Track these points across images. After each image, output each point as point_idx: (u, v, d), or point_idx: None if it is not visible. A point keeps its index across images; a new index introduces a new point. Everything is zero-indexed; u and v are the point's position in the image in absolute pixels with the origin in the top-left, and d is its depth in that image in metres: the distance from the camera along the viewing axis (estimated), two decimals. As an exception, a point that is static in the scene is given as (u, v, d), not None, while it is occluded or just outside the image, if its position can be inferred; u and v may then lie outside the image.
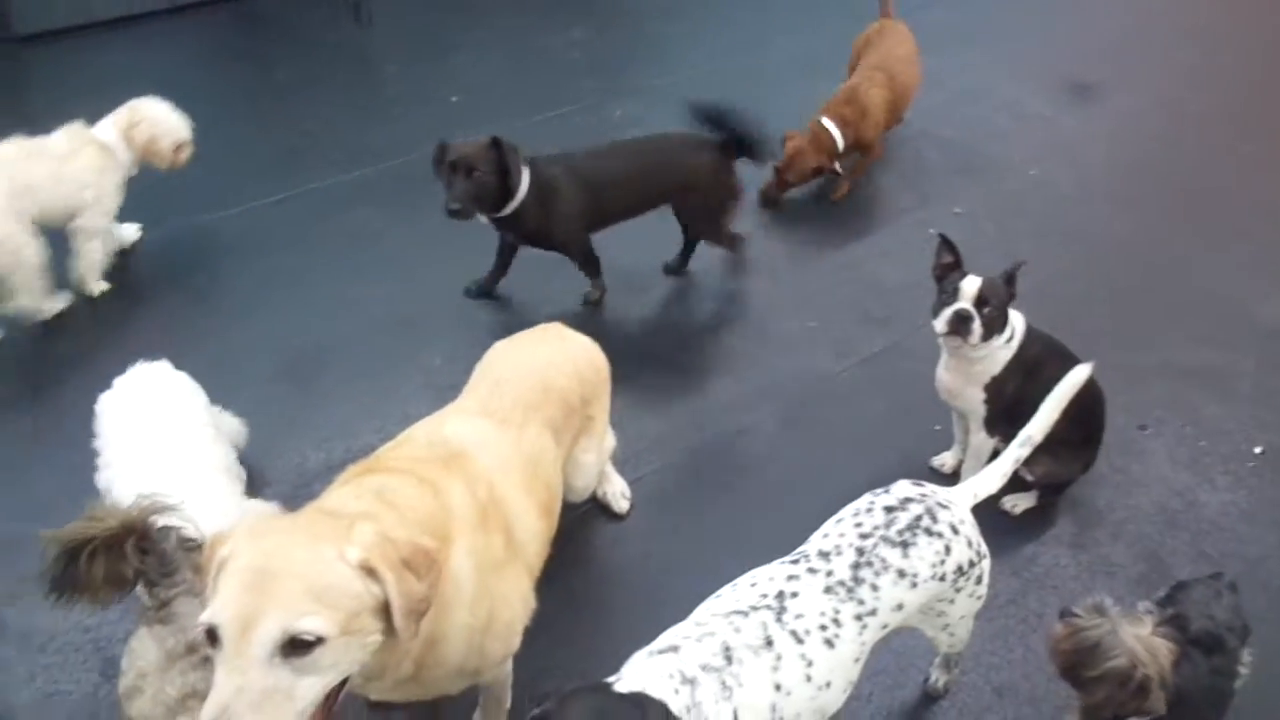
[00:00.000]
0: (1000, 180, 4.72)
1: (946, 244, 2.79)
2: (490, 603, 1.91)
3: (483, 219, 3.47)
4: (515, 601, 2.03)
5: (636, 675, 1.61)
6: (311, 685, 1.46)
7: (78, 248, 3.73)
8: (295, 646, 1.43)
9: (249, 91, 5.37)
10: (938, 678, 2.44)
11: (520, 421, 2.24)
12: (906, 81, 4.63)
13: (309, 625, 1.43)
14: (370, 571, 1.52)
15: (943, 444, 3.18)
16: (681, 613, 1.98)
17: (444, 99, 5.32)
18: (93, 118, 3.80)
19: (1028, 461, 2.36)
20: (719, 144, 3.68)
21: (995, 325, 2.68)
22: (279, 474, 3.11)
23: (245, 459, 3.12)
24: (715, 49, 5.90)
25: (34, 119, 3.79)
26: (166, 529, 1.89)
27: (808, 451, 3.23)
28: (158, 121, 3.82)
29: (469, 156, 3.28)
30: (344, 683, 1.57)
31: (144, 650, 1.80)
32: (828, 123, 4.35)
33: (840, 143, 4.34)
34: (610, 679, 1.63)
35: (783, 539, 2.36)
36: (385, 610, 1.55)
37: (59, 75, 5.28)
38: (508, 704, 2.31)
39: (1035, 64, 5.84)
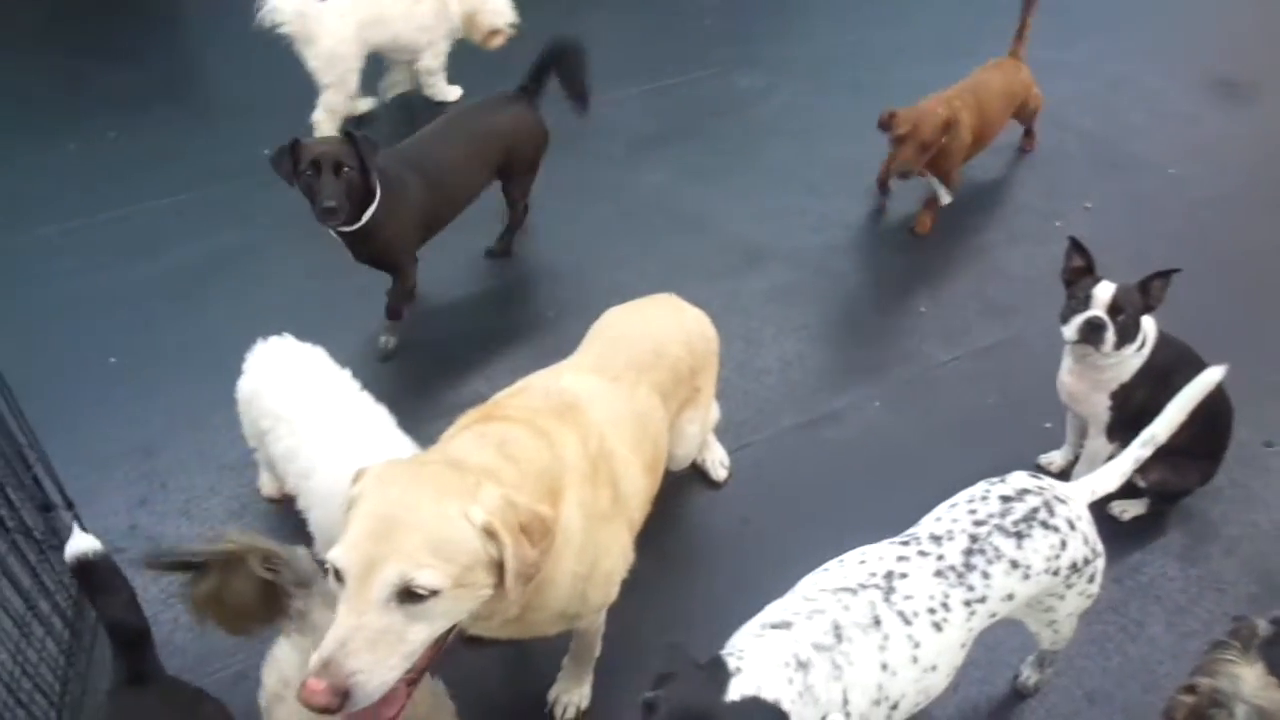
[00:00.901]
0: (1136, 177, 4.53)
1: (1078, 247, 2.69)
2: (595, 552, 1.96)
3: (333, 234, 3.15)
4: (616, 553, 2.08)
5: (752, 658, 1.60)
6: (422, 629, 1.55)
7: (424, 84, 4.60)
8: (410, 594, 1.51)
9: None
10: (1029, 676, 2.41)
11: (632, 381, 2.28)
12: (992, 117, 4.16)
13: (425, 578, 1.50)
14: (491, 534, 1.58)
15: (1052, 442, 3.11)
16: (772, 582, 2.00)
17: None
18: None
19: (1142, 468, 2.28)
20: (524, 94, 3.63)
21: (1129, 334, 2.59)
22: (392, 410, 3.21)
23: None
24: (852, 22, 5.81)
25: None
26: (292, 547, 1.87)
27: (909, 438, 3.19)
28: (485, 3, 4.27)
29: (332, 153, 2.95)
30: (454, 627, 1.65)
31: (285, 659, 1.85)
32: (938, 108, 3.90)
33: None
34: (725, 655, 1.63)
35: (878, 521, 2.35)
36: (498, 567, 1.62)
37: (213, 8, 5.50)
38: (596, 652, 2.37)
39: (1182, 58, 5.57)
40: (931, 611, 1.78)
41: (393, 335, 3.45)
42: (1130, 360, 2.66)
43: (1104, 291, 2.57)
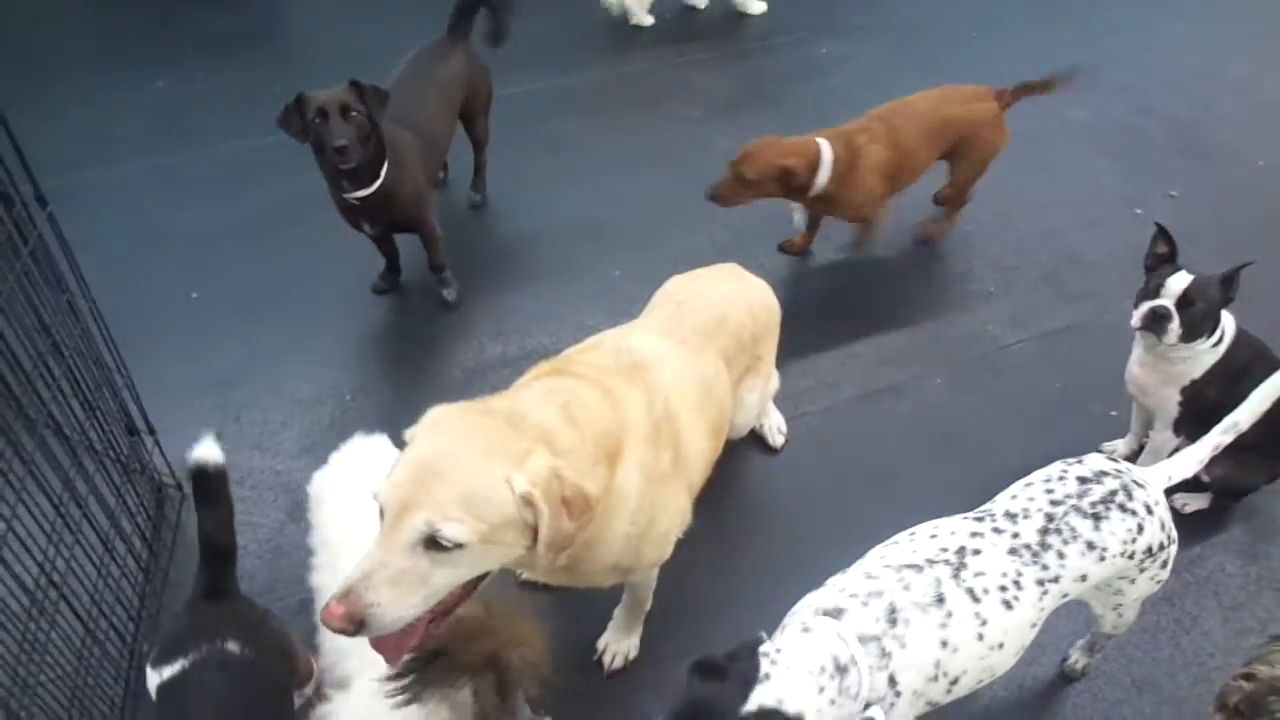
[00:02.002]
0: (1223, 168, 4.40)
1: (1163, 234, 2.63)
2: (651, 512, 2.00)
3: (353, 196, 3.07)
4: (673, 513, 2.11)
5: (785, 662, 1.61)
6: (446, 575, 1.59)
7: None
8: (436, 543, 1.56)
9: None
10: (1077, 659, 2.41)
11: (698, 346, 2.30)
12: (910, 149, 3.51)
13: (450, 531, 1.54)
14: (529, 504, 1.61)
15: (1116, 431, 3.07)
16: (823, 549, 2.02)
17: (655, 17, 5.34)
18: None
19: (1207, 462, 2.26)
20: (458, 35, 3.60)
21: (1200, 327, 2.54)
22: (458, 359, 3.29)
23: (427, 340, 3.34)
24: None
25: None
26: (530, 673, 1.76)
27: (969, 417, 3.18)
28: None
29: (338, 98, 2.90)
30: (484, 575, 1.70)
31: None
32: (823, 141, 3.39)
33: (822, 177, 3.36)
34: (762, 654, 1.64)
35: (932, 498, 2.36)
36: (532, 531, 1.65)
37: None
38: (648, 606, 2.42)
39: (1278, 48, 5.36)
40: (1003, 589, 1.78)
41: (451, 286, 3.51)
42: (1203, 356, 2.61)
43: (1178, 282, 2.53)
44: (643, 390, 2.04)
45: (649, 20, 5.17)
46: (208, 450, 1.87)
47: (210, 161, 4.07)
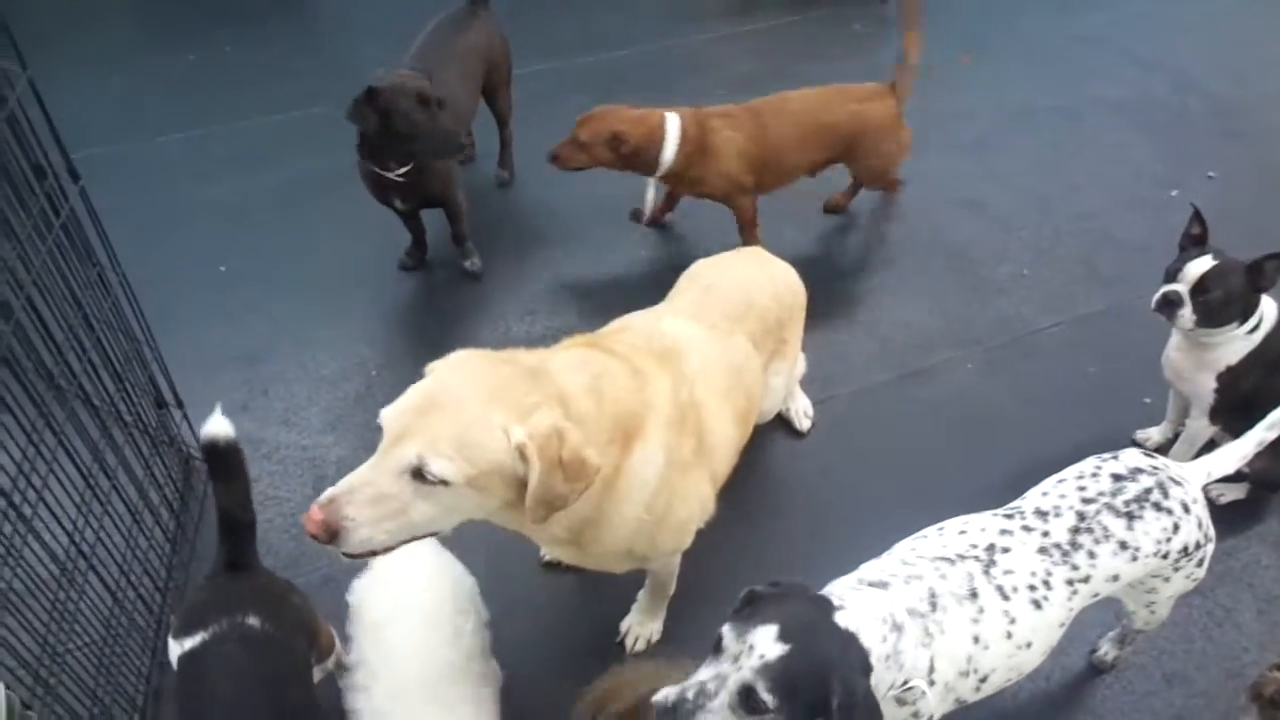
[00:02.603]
0: (1266, 148, 4.30)
1: (1196, 216, 2.58)
2: (668, 499, 1.97)
3: (395, 174, 3.08)
4: (693, 502, 2.09)
5: (853, 605, 1.59)
6: (426, 510, 1.60)
7: None
8: (423, 475, 1.56)
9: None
10: (1107, 651, 2.38)
11: (727, 330, 2.28)
12: (783, 148, 3.38)
13: (437, 467, 1.55)
14: (523, 455, 1.60)
15: (1151, 418, 3.01)
16: (849, 535, 2.00)
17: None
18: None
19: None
20: (478, 5, 3.59)
21: (1219, 314, 2.48)
22: (484, 336, 3.29)
23: (453, 317, 3.33)
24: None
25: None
26: None
27: (1001, 402, 3.13)
28: None
29: (410, 87, 2.93)
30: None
31: None
32: (671, 116, 3.27)
33: (668, 153, 3.24)
34: (830, 598, 1.63)
35: (962, 484, 2.34)
36: (523, 484, 1.64)
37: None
38: (670, 591, 2.41)
39: (1325, 23, 5.23)
40: (1032, 589, 1.75)
41: (474, 256, 3.52)
42: (1238, 343, 2.56)
43: (1196, 267, 2.47)
44: (672, 376, 2.01)
45: None
46: (218, 425, 1.86)
47: (240, 135, 4.07)
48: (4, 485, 1.81)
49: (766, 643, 1.45)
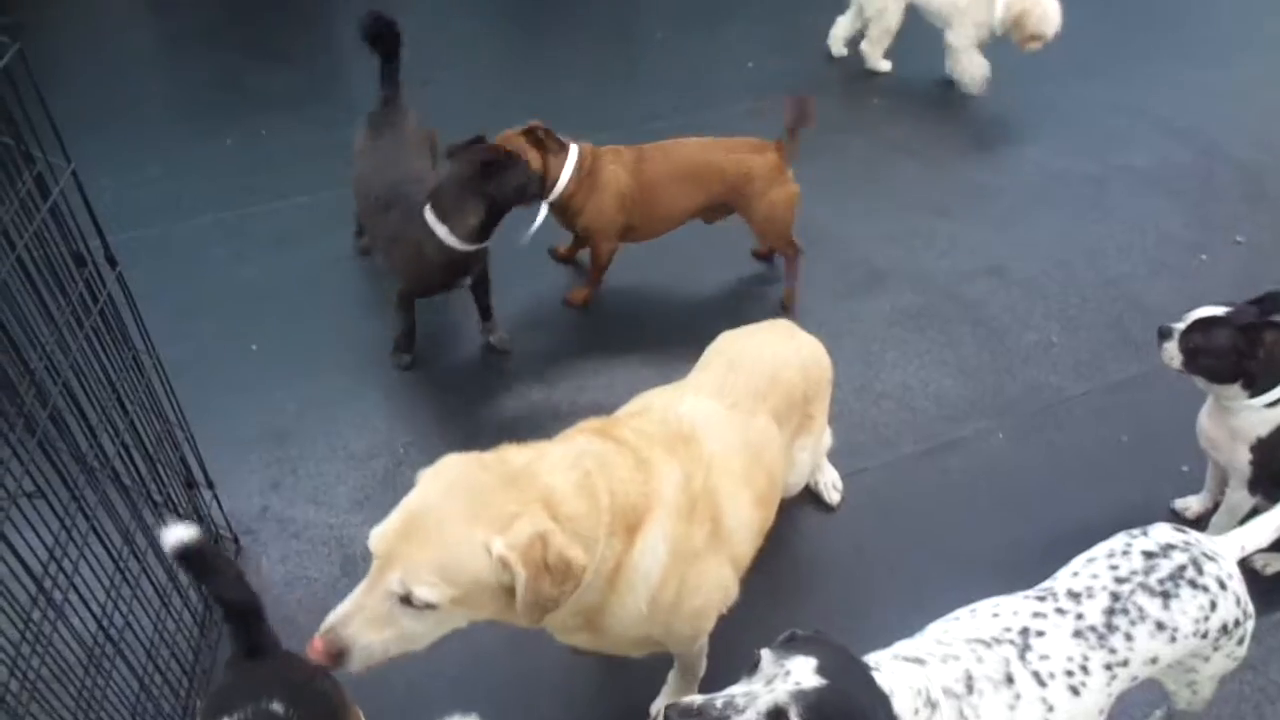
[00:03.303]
0: (1293, 213, 4.28)
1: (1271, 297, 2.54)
2: (678, 589, 1.95)
3: (473, 246, 3.13)
4: (709, 590, 2.06)
5: (888, 672, 1.57)
6: (422, 627, 1.66)
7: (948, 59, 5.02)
8: (410, 599, 1.61)
9: (524, 51, 5.64)
10: (1155, 731, 2.30)
11: (750, 409, 2.26)
12: (660, 196, 3.52)
13: (421, 593, 1.60)
14: (506, 566, 1.63)
15: (1189, 486, 2.96)
16: (883, 613, 1.96)
17: (705, 70, 5.39)
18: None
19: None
20: (396, 99, 3.58)
21: (1204, 364, 2.50)
22: (509, 412, 3.30)
23: (478, 392, 3.35)
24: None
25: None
26: None
27: (1035, 472, 3.09)
28: (1039, 8, 4.55)
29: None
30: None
31: None
32: (574, 146, 3.41)
33: (562, 180, 3.37)
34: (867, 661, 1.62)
35: (998, 558, 2.29)
36: (511, 592, 1.66)
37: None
38: (700, 673, 2.36)
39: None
40: (1069, 674, 1.70)
41: (501, 330, 3.55)
42: (1265, 412, 2.52)
43: (1197, 312, 2.53)
44: (683, 462, 2.00)
45: (885, 66, 5.25)
46: (178, 533, 1.85)
47: (274, 216, 4.17)
48: (35, 570, 1.82)
49: (805, 672, 1.43)
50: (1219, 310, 2.50)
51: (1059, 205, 4.36)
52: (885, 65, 5.26)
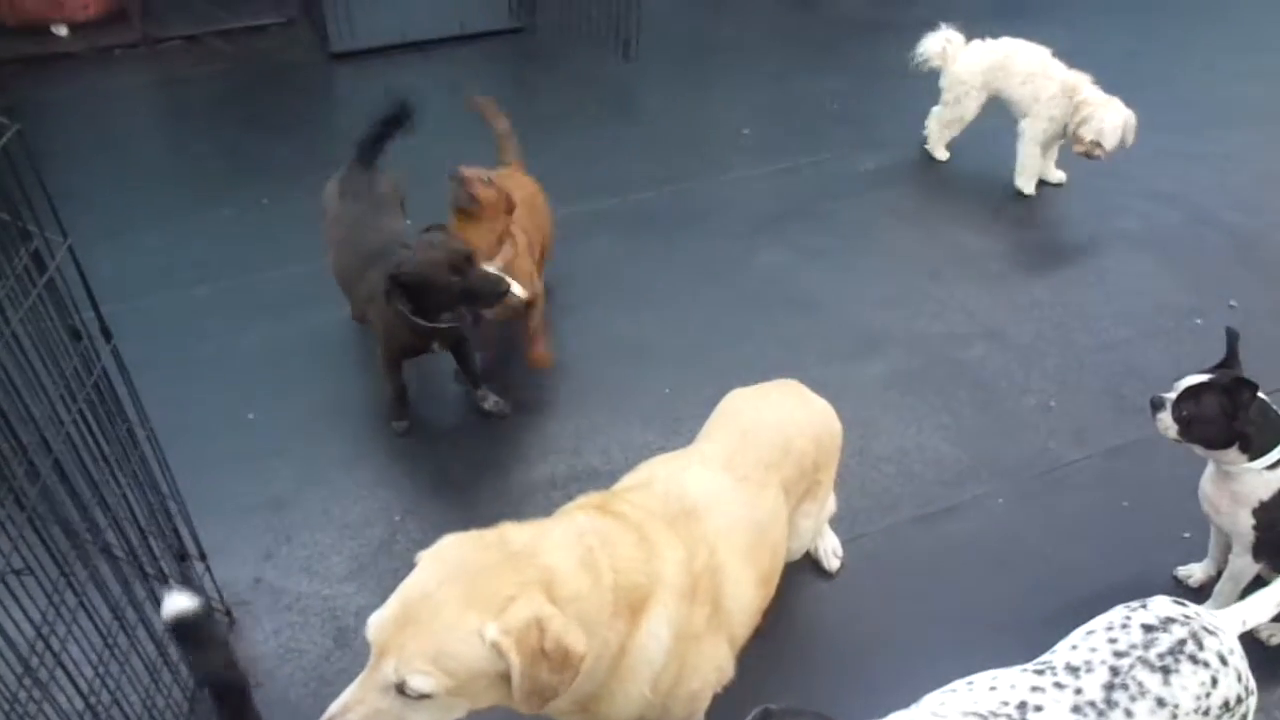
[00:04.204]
0: (1285, 277, 4.31)
1: (1230, 339, 2.59)
2: (678, 671, 1.92)
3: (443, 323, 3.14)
4: (707, 671, 2.02)
5: None
6: (420, 716, 1.62)
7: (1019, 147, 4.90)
8: (405, 690, 1.58)
9: (517, 116, 5.71)
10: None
11: (760, 481, 2.22)
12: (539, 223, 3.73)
13: (417, 683, 1.56)
14: (500, 654, 1.59)
15: (1191, 553, 2.93)
16: (883, 681, 1.93)
17: (699, 138, 5.48)
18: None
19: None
20: (369, 162, 3.65)
21: (1198, 431, 2.51)
22: (507, 480, 3.28)
23: (476, 460, 3.34)
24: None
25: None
26: None
27: (1036, 540, 3.06)
28: (1097, 119, 4.47)
29: (462, 251, 3.02)
30: None
31: None
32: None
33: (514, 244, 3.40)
34: None
35: (1000, 625, 2.25)
36: (509, 679, 1.62)
37: (363, 88, 5.84)
38: (698, 743, 2.32)
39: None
40: None
41: (493, 396, 3.53)
42: (1261, 475, 2.51)
43: (1186, 380, 2.54)
44: (685, 542, 1.97)
45: (945, 155, 5.21)
46: (179, 601, 1.82)
47: (272, 284, 4.19)
48: (22, 649, 1.79)
49: None
50: (1205, 376, 2.51)
51: (1054, 269, 4.40)
52: (944, 155, 5.21)
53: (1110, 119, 4.43)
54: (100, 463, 2.20)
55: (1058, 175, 5.00)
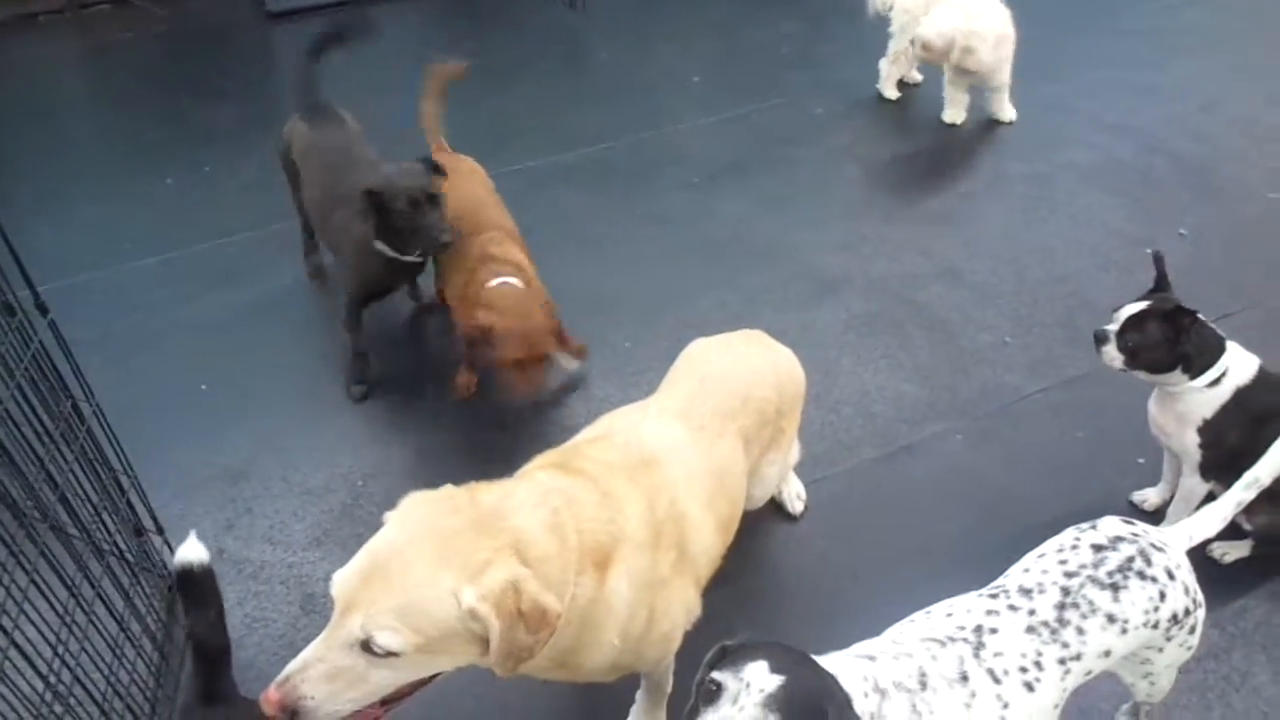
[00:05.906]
0: (1234, 203, 4.37)
1: (1156, 262, 2.65)
2: (647, 618, 1.93)
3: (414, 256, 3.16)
4: (676, 613, 2.04)
5: (834, 664, 1.58)
6: (385, 676, 1.58)
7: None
8: (371, 646, 1.53)
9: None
10: (1124, 725, 2.30)
11: (717, 430, 2.22)
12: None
13: (383, 639, 1.52)
14: (477, 617, 1.55)
15: (1147, 479, 2.98)
16: (849, 618, 1.95)
17: (651, 87, 5.41)
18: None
19: (1247, 509, 2.18)
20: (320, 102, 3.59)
21: (1144, 358, 2.56)
22: (469, 439, 3.26)
23: (437, 420, 3.31)
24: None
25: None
26: None
27: (996, 473, 3.10)
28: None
29: (420, 186, 3.00)
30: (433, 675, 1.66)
31: None
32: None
33: None
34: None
35: (960, 559, 2.27)
36: (484, 640, 1.59)
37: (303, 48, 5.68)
38: (668, 690, 2.33)
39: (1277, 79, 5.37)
40: (1023, 670, 1.70)
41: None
42: (1204, 393, 2.56)
43: (1127, 310, 2.59)
44: (646, 490, 1.97)
45: (895, 95, 5.23)
46: (192, 550, 1.82)
47: (220, 253, 4.10)
48: (-27, 631, 1.75)
49: (761, 676, 1.42)
50: (1144, 304, 2.55)
51: (1006, 205, 4.42)
52: (893, 94, 5.26)
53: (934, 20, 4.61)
54: (45, 440, 2.15)
55: (1009, 113, 5.00)
